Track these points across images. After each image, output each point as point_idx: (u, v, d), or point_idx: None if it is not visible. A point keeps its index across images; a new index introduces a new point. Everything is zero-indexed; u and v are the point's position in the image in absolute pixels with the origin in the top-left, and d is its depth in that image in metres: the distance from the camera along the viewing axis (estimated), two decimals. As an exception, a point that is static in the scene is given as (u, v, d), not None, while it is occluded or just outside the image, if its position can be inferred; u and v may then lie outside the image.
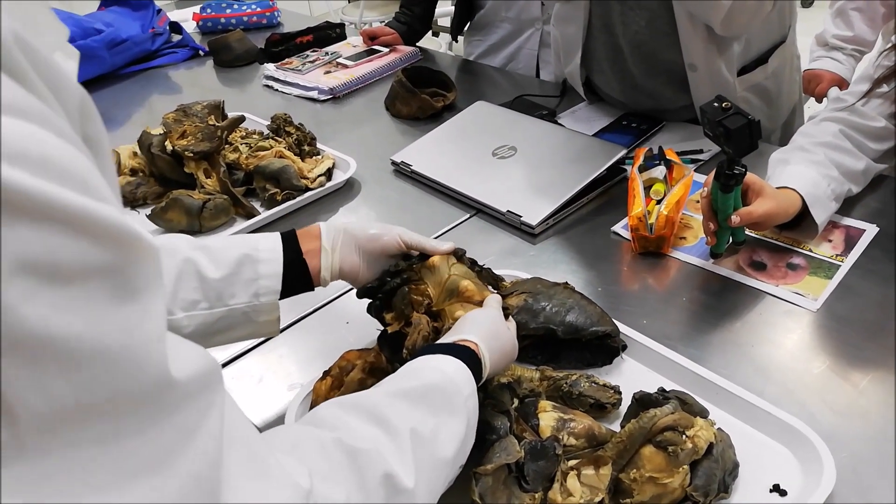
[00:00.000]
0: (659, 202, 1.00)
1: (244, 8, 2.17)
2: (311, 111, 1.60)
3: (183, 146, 1.15)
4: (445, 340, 0.63)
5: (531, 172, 1.16)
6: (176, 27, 2.05)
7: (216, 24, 2.15)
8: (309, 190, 1.20)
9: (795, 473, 0.66)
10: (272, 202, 1.17)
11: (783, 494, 0.64)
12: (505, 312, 0.72)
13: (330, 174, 1.25)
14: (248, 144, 1.26)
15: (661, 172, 1.05)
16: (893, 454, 0.68)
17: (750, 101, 1.29)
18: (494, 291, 0.78)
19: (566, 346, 0.80)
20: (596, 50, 1.32)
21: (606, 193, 1.16)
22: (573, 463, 0.63)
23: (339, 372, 0.75)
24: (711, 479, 0.62)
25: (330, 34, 1.95)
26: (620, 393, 0.74)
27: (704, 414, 0.68)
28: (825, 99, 1.58)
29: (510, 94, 1.52)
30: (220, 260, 0.66)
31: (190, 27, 2.15)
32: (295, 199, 1.17)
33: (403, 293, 0.73)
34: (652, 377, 0.78)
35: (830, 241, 0.98)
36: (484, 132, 1.28)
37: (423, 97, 1.46)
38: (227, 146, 1.24)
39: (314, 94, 1.64)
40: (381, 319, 0.75)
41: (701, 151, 1.23)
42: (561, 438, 0.65)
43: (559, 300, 0.79)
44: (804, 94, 1.55)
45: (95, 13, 1.94)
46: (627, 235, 1.03)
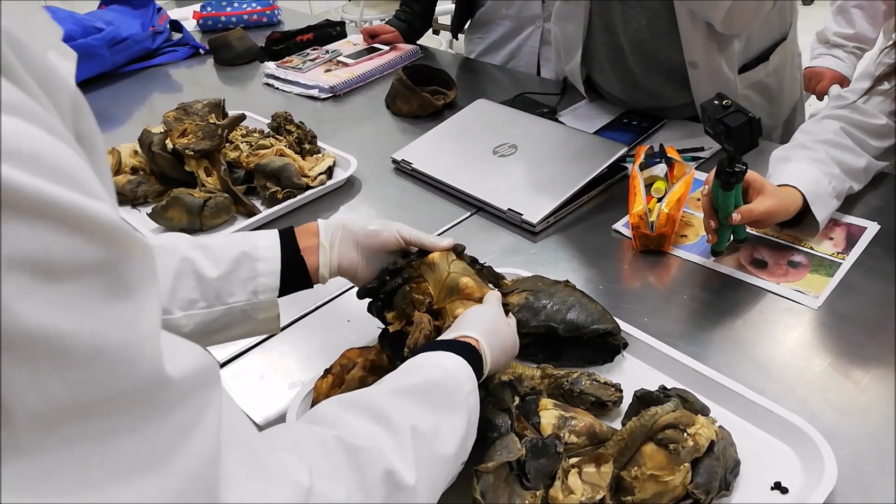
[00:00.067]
0: (660, 200, 1.00)
1: (244, 6, 2.17)
2: (311, 109, 1.60)
3: (184, 145, 1.15)
4: (446, 337, 0.63)
5: (532, 170, 1.16)
6: (176, 25, 2.05)
7: (216, 22, 2.15)
8: (309, 188, 1.19)
9: (797, 471, 0.66)
10: (273, 200, 1.17)
11: (784, 492, 0.64)
12: (505, 309, 0.71)
13: (330, 172, 1.25)
14: (248, 143, 1.26)
15: (661, 170, 1.05)
16: (894, 452, 0.68)
17: (751, 98, 1.29)
18: (495, 289, 0.78)
19: (567, 344, 0.80)
20: (596, 48, 1.31)
21: (607, 191, 1.16)
22: (574, 461, 0.63)
23: (340, 370, 0.75)
24: (713, 476, 0.62)
25: (330, 32, 1.95)
26: (621, 391, 0.74)
27: (705, 412, 0.68)
28: (826, 96, 1.58)
29: (511, 91, 1.51)
30: (217, 258, 0.66)
31: (190, 25, 2.15)
32: (295, 197, 1.17)
33: (405, 292, 0.72)
34: (653, 375, 0.78)
35: (831, 238, 0.98)
36: (484, 130, 1.28)
37: (423, 95, 1.46)
38: (227, 144, 1.24)
39: (315, 92, 1.64)
40: (382, 319, 0.75)
41: (702, 149, 1.23)
42: (562, 436, 0.65)
43: (560, 298, 0.79)
44: (805, 91, 1.55)
45: (96, 11, 1.94)
46: (628, 233, 1.03)
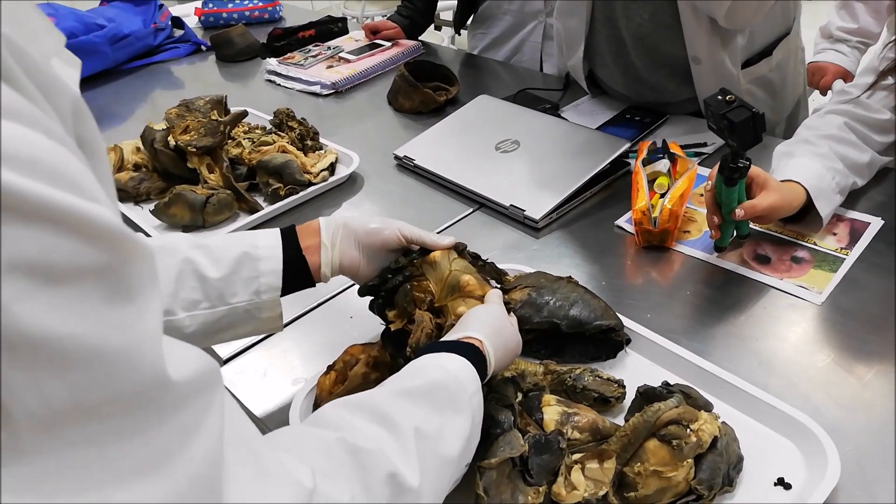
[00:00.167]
0: (663, 196, 1.00)
1: (246, 2, 2.17)
2: (313, 106, 1.59)
3: (186, 141, 1.15)
4: (449, 338, 0.63)
5: (534, 166, 1.15)
6: (178, 22, 2.05)
7: (218, 18, 2.15)
8: (312, 185, 1.19)
9: (800, 467, 0.66)
10: (275, 197, 1.17)
11: (787, 488, 0.64)
12: (507, 307, 0.71)
13: (333, 169, 1.25)
14: (250, 139, 1.26)
15: (664, 166, 1.05)
16: (898, 447, 0.68)
17: (754, 93, 1.28)
18: (497, 286, 0.78)
19: (570, 340, 0.79)
20: (599, 43, 1.31)
21: (610, 187, 1.15)
22: (577, 457, 0.63)
23: (342, 366, 0.75)
24: (716, 472, 0.62)
25: (332, 28, 1.95)
26: (624, 387, 0.74)
27: (708, 408, 0.68)
28: (830, 91, 1.57)
29: (513, 87, 1.51)
30: (219, 259, 0.66)
31: (192, 22, 2.15)
32: (298, 193, 1.17)
33: (406, 290, 0.72)
34: (656, 371, 0.78)
35: (835, 234, 0.98)
36: (487, 126, 1.27)
37: (425, 91, 1.46)
38: (229, 141, 1.24)
39: (317, 88, 1.64)
40: (383, 317, 0.75)
41: (705, 145, 1.23)
42: (565, 432, 0.65)
43: (563, 294, 0.79)
44: (809, 86, 1.54)
45: (97, 8, 1.94)
46: (631, 229, 1.02)
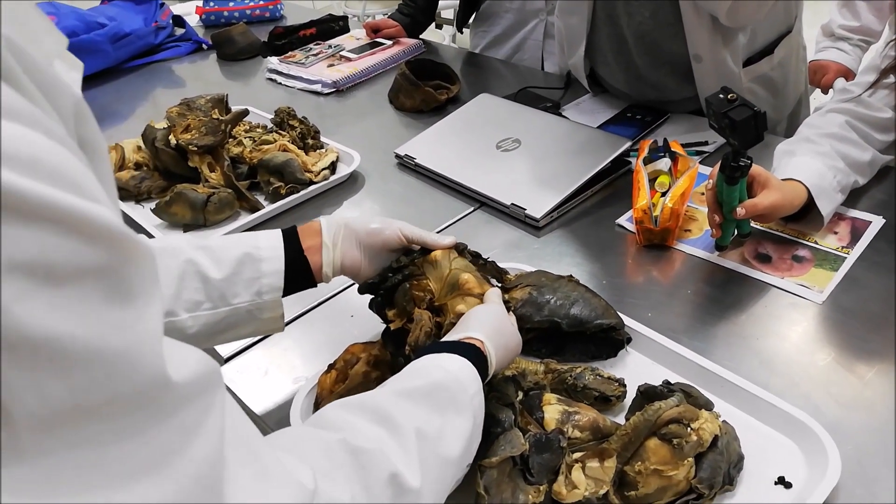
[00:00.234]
0: (664, 194, 0.99)
1: (247, 1, 2.17)
2: (314, 104, 1.59)
3: (187, 140, 1.15)
4: (450, 338, 0.63)
5: (535, 165, 1.15)
6: (179, 21, 2.05)
7: (219, 17, 2.15)
8: (313, 183, 1.19)
9: (800, 466, 0.66)
10: (276, 196, 1.17)
11: (788, 487, 0.64)
12: (506, 305, 0.71)
13: (334, 168, 1.25)
14: (251, 138, 1.26)
15: (665, 164, 1.05)
16: (899, 446, 0.68)
17: (755, 92, 1.28)
18: (497, 284, 0.78)
19: (571, 338, 0.80)
20: (600, 41, 1.31)
21: (611, 186, 1.15)
22: (578, 455, 0.63)
23: (343, 365, 0.75)
24: (716, 471, 0.62)
25: (333, 27, 1.95)
26: (625, 385, 0.74)
27: (709, 406, 0.68)
28: (831, 90, 1.57)
29: (514, 86, 1.51)
30: (221, 260, 0.66)
31: (193, 21, 2.15)
32: (299, 192, 1.17)
33: (405, 289, 0.72)
34: (657, 370, 0.78)
35: (836, 232, 0.97)
36: (488, 125, 1.27)
37: (426, 90, 1.46)
38: (230, 140, 1.24)
39: (318, 87, 1.64)
40: (383, 316, 0.75)
41: (706, 143, 1.23)
42: (566, 431, 0.65)
43: (564, 293, 0.79)
44: (810, 85, 1.54)
45: (98, 7, 1.94)
46: (632, 228, 1.02)
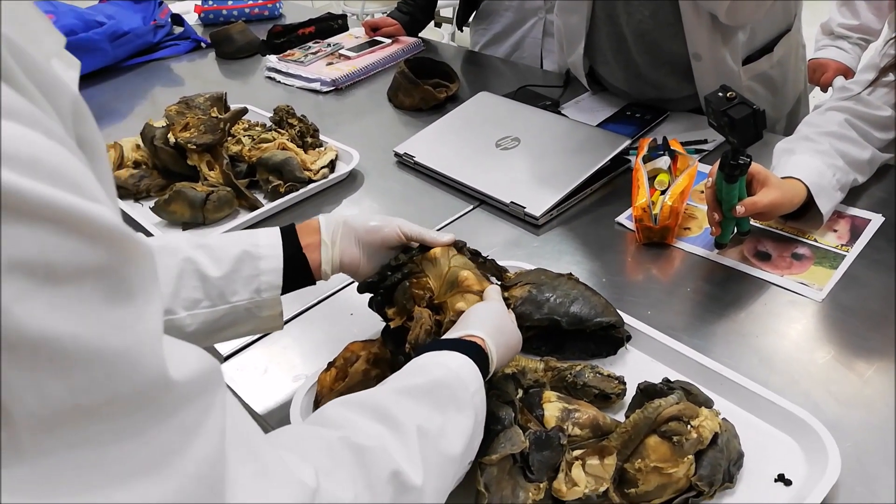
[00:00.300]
0: (663, 192, 1.00)
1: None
2: (313, 103, 1.59)
3: (186, 138, 1.15)
4: (451, 335, 0.63)
5: (535, 163, 1.15)
6: (178, 19, 2.05)
7: (218, 15, 2.15)
8: (312, 182, 1.19)
9: (800, 463, 0.66)
10: (275, 194, 1.17)
11: (788, 484, 0.64)
12: (506, 304, 0.71)
13: (333, 166, 1.25)
14: (250, 136, 1.25)
15: (665, 163, 1.05)
16: (898, 444, 0.68)
17: (755, 90, 1.28)
18: (496, 282, 0.78)
19: (570, 336, 0.80)
20: (599, 39, 1.31)
21: (610, 184, 1.15)
22: (578, 453, 0.64)
23: (343, 363, 0.75)
24: (716, 468, 0.62)
25: (332, 25, 1.95)
26: (625, 383, 0.74)
27: (709, 404, 0.68)
28: (830, 88, 1.57)
29: (513, 84, 1.51)
30: (220, 258, 0.66)
31: (192, 19, 2.14)
32: (298, 191, 1.17)
33: (404, 287, 0.72)
34: (656, 367, 0.78)
35: (835, 230, 0.98)
36: (487, 123, 1.27)
37: (425, 88, 1.45)
38: (229, 138, 1.24)
39: (317, 85, 1.64)
40: (382, 314, 0.75)
41: (705, 141, 1.23)
42: (565, 428, 0.65)
43: (563, 291, 0.79)
44: (809, 83, 1.54)
45: (97, 5, 1.94)
46: (631, 226, 1.02)
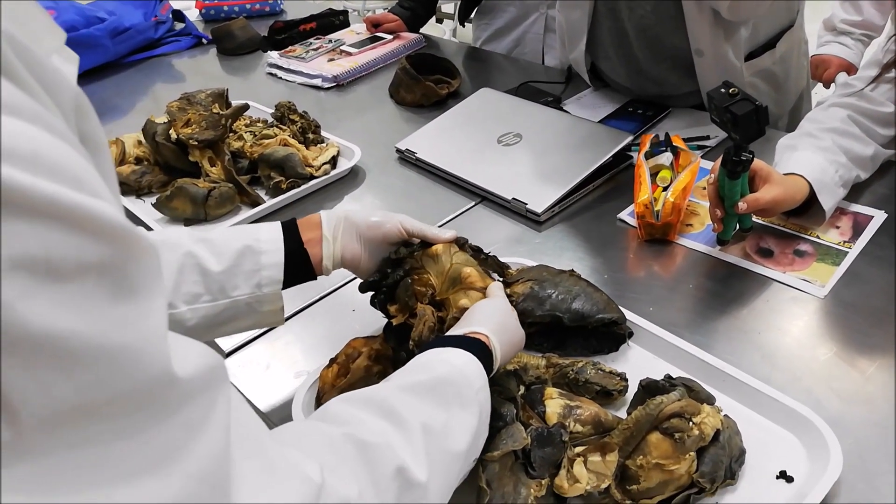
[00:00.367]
0: (665, 189, 0.99)
1: (247, -5, 2.16)
2: (314, 99, 1.59)
3: (187, 134, 1.15)
4: (454, 332, 0.63)
5: (536, 159, 1.15)
6: (179, 15, 2.05)
7: (219, 11, 2.15)
8: (313, 178, 1.19)
9: (802, 460, 0.66)
10: (277, 190, 1.17)
11: (790, 481, 0.64)
12: (508, 299, 0.71)
13: (334, 162, 1.25)
14: (252, 132, 1.25)
15: (667, 159, 1.05)
16: (900, 440, 0.68)
17: (757, 86, 1.28)
18: (498, 279, 0.78)
19: (572, 333, 0.80)
20: (601, 35, 1.30)
21: (612, 180, 1.15)
22: (580, 450, 0.64)
23: (345, 359, 0.75)
24: (718, 465, 0.62)
25: (333, 21, 1.94)
26: (627, 380, 0.74)
27: (711, 401, 0.68)
28: (833, 84, 1.56)
29: (515, 80, 1.51)
30: (221, 252, 0.66)
31: (193, 15, 2.14)
32: (300, 187, 1.17)
33: (406, 284, 0.72)
34: (658, 364, 0.78)
35: (838, 227, 0.97)
36: (489, 119, 1.27)
37: (427, 84, 1.45)
38: (231, 134, 1.24)
39: (318, 81, 1.64)
40: (385, 312, 0.75)
41: (708, 138, 1.23)
42: (567, 425, 0.65)
43: (565, 287, 0.79)
44: (812, 79, 1.54)
45: (98, 2, 1.93)
46: (633, 222, 1.02)
